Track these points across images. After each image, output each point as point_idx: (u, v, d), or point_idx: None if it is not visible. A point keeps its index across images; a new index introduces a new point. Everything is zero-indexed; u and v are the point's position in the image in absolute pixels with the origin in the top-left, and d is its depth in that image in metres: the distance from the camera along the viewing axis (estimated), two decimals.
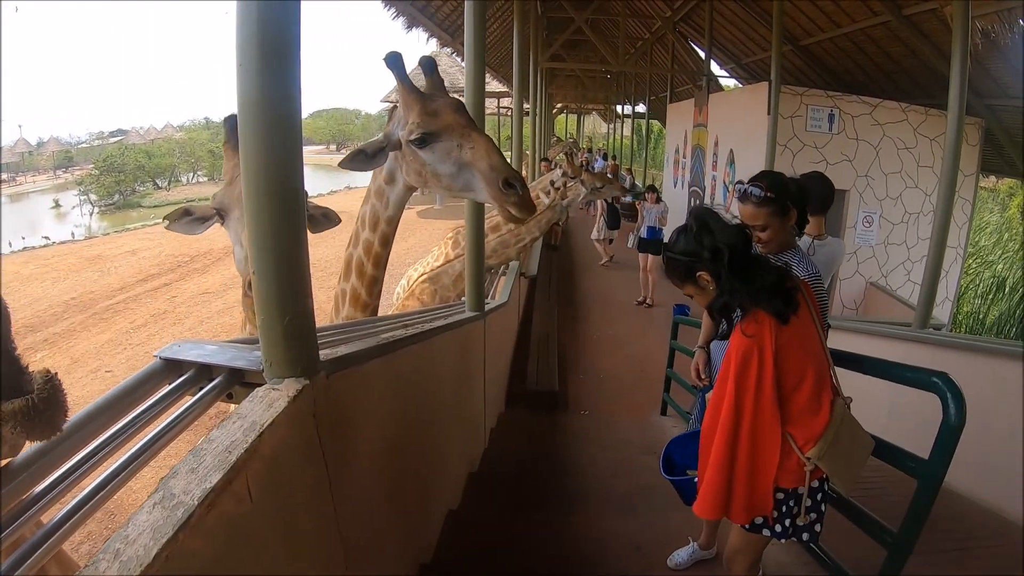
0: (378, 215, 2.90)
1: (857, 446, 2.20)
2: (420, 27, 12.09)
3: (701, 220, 2.13)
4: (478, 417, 4.63)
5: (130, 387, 1.30)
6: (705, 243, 2.07)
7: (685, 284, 2.19)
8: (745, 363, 2.00)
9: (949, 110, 4.83)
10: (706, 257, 2.07)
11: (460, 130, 2.54)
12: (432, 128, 2.52)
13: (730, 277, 2.05)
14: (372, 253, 2.96)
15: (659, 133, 32.58)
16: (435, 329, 2.94)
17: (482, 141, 2.55)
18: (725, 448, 2.04)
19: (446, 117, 2.55)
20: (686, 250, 2.13)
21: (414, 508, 2.79)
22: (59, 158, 59.78)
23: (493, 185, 2.50)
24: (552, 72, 20.82)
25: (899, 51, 8.86)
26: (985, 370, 4.06)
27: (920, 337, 4.79)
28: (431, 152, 2.55)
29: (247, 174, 1.36)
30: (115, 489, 1.09)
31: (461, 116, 2.59)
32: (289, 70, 1.35)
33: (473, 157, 2.51)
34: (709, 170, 11.89)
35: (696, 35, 14.99)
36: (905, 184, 9.03)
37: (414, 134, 2.52)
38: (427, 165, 2.59)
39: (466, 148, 2.52)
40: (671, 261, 2.20)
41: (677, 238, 2.19)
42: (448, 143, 2.54)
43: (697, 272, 2.11)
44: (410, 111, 2.55)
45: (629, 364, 8.52)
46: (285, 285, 1.42)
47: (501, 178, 2.48)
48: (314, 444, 1.48)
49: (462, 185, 2.60)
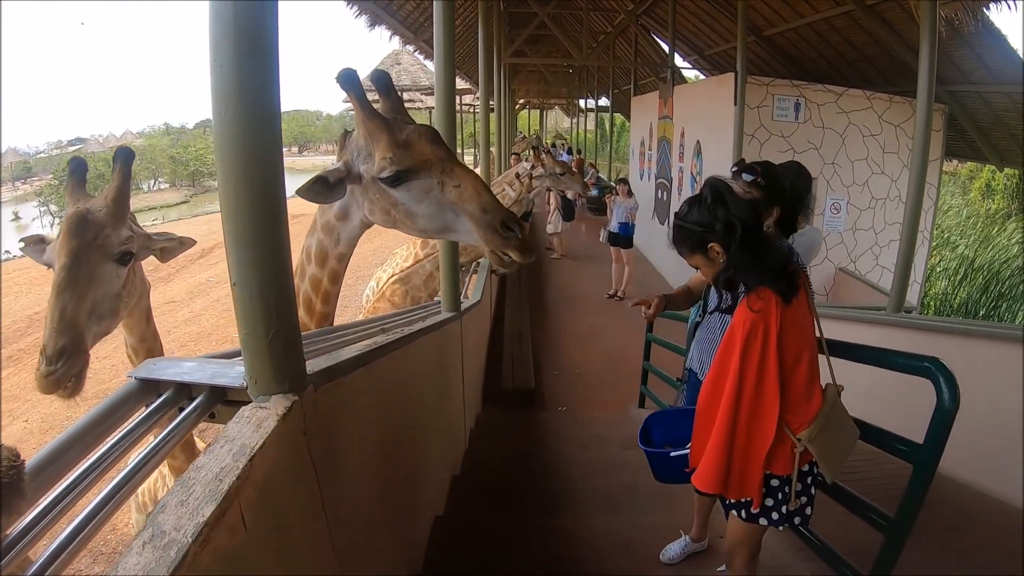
0: (326, 251, 2.52)
1: (845, 433, 2.22)
2: (383, 25, 11.98)
3: (716, 192, 2.08)
4: (458, 419, 4.58)
5: (105, 412, 1.22)
6: (719, 215, 2.04)
7: (693, 254, 2.17)
8: (751, 336, 1.99)
9: (918, 99, 4.85)
10: (719, 229, 2.04)
11: (440, 165, 2.19)
12: (407, 164, 2.15)
13: (741, 252, 2.03)
14: (320, 290, 2.59)
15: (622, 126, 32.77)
16: (416, 332, 2.86)
17: (469, 178, 2.21)
18: (727, 419, 2.04)
19: (422, 150, 2.19)
20: (699, 221, 2.09)
21: (403, 517, 2.73)
22: (17, 169, 58.42)
23: (488, 229, 2.15)
24: (515, 68, 20.79)
25: (862, 40, 8.95)
26: (962, 351, 4.09)
27: (896, 321, 4.81)
28: (406, 191, 2.18)
29: (225, 178, 1.27)
30: (97, 527, 1.01)
31: (439, 148, 2.23)
32: (268, 64, 1.27)
33: (459, 197, 2.16)
34: (676, 162, 11.92)
35: (659, 28, 15.04)
36: (871, 170, 9.12)
37: (386, 171, 2.14)
38: (399, 205, 2.22)
39: (449, 187, 2.17)
40: (682, 230, 2.16)
41: (690, 208, 2.15)
42: (427, 181, 2.18)
43: (709, 243, 2.09)
44: (376, 143, 2.17)
45: (604, 358, 8.53)
46: (269, 295, 1.32)
47: (498, 221, 2.14)
48: (306, 462, 1.41)
49: (441, 227, 2.25)
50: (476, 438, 5.29)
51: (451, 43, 3.93)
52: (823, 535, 2.65)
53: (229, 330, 11.85)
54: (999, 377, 3.82)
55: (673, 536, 3.25)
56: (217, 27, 1.20)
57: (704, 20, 12.48)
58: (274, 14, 1.27)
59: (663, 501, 3.93)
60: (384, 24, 12.06)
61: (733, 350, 2.03)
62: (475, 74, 15.23)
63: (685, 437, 2.36)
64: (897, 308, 5.06)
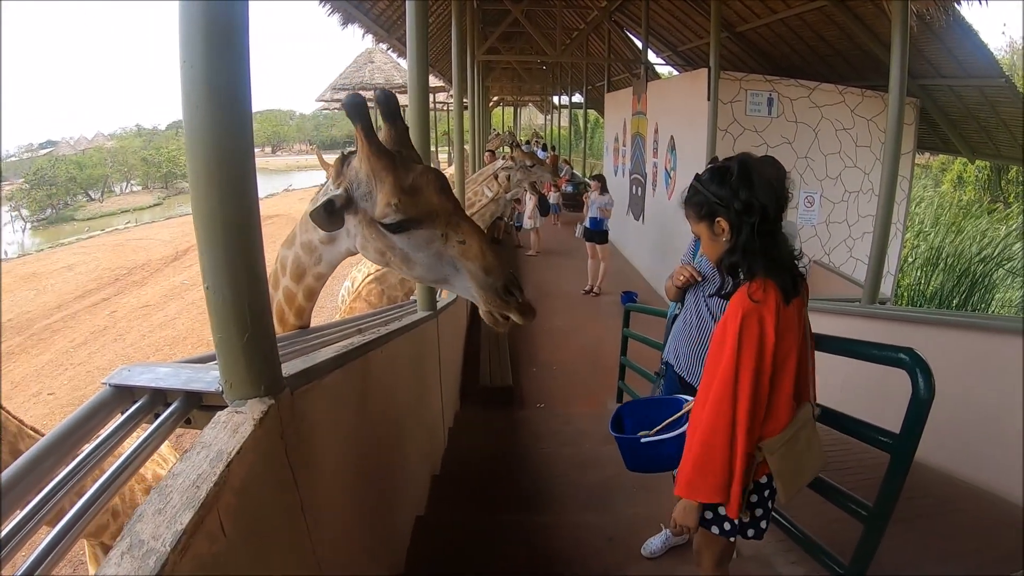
0: (304, 268, 2.38)
1: (810, 456, 2.13)
2: (356, 23, 11.89)
3: (744, 169, 2.00)
4: (437, 418, 4.57)
5: (79, 420, 1.19)
6: (741, 194, 1.97)
7: (700, 222, 2.11)
8: (746, 327, 1.91)
9: (890, 93, 4.90)
10: (736, 208, 1.97)
11: (447, 218, 2.05)
12: (412, 214, 2.01)
13: (753, 237, 1.96)
14: (295, 305, 2.45)
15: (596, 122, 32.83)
16: (392, 333, 2.84)
17: (475, 236, 2.07)
18: (727, 418, 1.92)
19: (430, 199, 2.04)
20: (718, 193, 2.02)
21: (384, 518, 2.72)
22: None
23: (489, 291, 2.04)
24: (488, 65, 20.74)
25: (834, 35, 9.03)
26: (936, 341, 4.15)
27: (870, 312, 4.87)
28: (407, 238, 2.05)
29: (196, 180, 1.25)
30: (74, 539, 1.00)
31: (447, 199, 2.09)
32: (239, 63, 1.25)
33: (463, 255, 2.03)
34: (650, 157, 11.94)
35: (632, 24, 15.07)
36: (844, 164, 9.18)
37: (390, 219, 1.99)
38: (396, 249, 2.08)
39: (453, 242, 2.03)
40: (697, 194, 2.09)
41: (712, 176, 2.07)
42: (430, 232, 2.04)
43: (717, 217, 2.03)
44: (380, 183, 2.01)
45: (581, 355, 8.54)
46: (243, 298, 1.31)
47: (500, 284, 2.03)
48: (284, 467, 1.39)
49: (437, 278, 2.14)
50: (455, 437, 5.28)
51: (424, 41, 3.91)
52: (803, 525, 2.68)
53: (205, 333, 11.75)
54: (972, 366, 3.88)
55: (655, 530, 3.26)
56: (187, 25, 1.18)
57: (677, 16, 12.52)
58: (245, 12, 1.25)
59: (644, 495, 3.96)
60: (357, 22, 11.98)
61: (726, 344, 1.94)
62: (449, 72, 15.16)
63: (656, 425, 2.36)
64: (871, 300, 5.11)
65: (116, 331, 12.72)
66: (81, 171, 45.09)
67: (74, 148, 55.85)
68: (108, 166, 48.88)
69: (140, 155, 50.55)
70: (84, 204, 44.08)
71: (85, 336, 12.38)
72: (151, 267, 18.39)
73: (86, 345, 11.88)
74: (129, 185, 50.79)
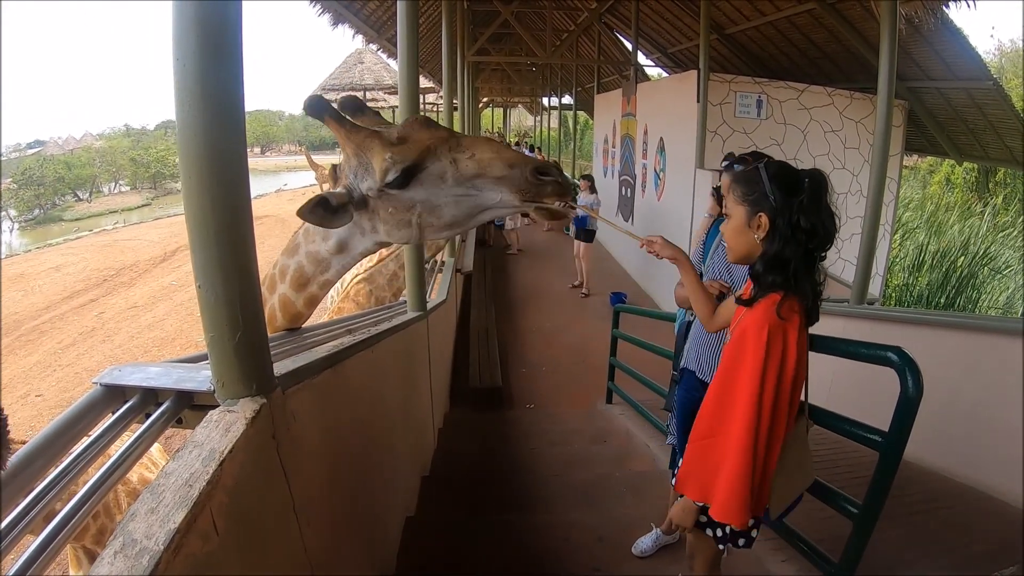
0: (308, 278, 2.23)
1: (800, 471, 2.11)
2: (346, 24, 11.92)
3: (817, 191, 1.86)
4: (426, 418, 4.57)
5: (70, 420, 1.19)
6: (809, 215, 1.83)
7: (740, 204, 1.94)
8: (772, 338, 1.81)
9: (879, 95, 4.94)
10: (795, 223, 1.83)
11: (445, 144, 1.93)
12: (411, 158, 1.89)
13: (801, 259, 1.85)
14: (291, 312, 2.30)
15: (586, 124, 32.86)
16: (382, 333, 2.84)
17: (481, 142, 1.96)
18: (749, 439, 1.82)
19: (420, 138, 1.93)
20: (780, 200, 1.85)
21: (374, 518, 2.71)
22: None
23: (522, 183, 1.89)
24: (478, 66, 20.75)
25: (823, 37, 9.09)
26: (924, 340, 4.19)
27: (858, 312, 4.90)
28: (419, 188, 1.92)
29: (188, 179, 1.24)
30: (66, 538, 0.99)
31: (438, 130, 1.98)
32: (232, 63, 1.25)
33: (480, 165, 1.90)
34: (639, 158, 11.98)
35: (622, 26, 15.12)
36: (832, 165, 9.22)
37: (391, 173, 1.88)
38: (417, 206, 1.95)
39: (463, 161, 1.91)
40: (758, 183, 1.89)
41: (781, 177, 1.88)
42: (437, 166, 1.91)
43: (761, 212, 1.88)
44: (369, 152, 1.92)
45: (569, 354, 8.58)
46: (235, 297, 1.30)
47: (529, 171, 1.88)
48: (276, 466, 1.39)
49: (470, 209, 1.97)
50: (445, 437, 5.28)
51: (414, 42, 3.91)
52: (793, 523, 2.69)
53: (194, 334, 11.73)
54: (960, 364, 3.91)
55: (645, 529, 3.27)
56: (181, 25, 1.18)
57: (667, 18, 12.56)
58: (238, 12, 1.25)
59: (636, 494, 3.97)
60: (347, 23, 12.00)
61: (746, 358, 1.84)
62: (439, 73, 15.18)
63: None
64: (860, 300, 5.14)
65: (104, 332, 12.66)
66: (69, 171, 44.86)
67: (62, 148, 55.52)
68: (96, 166, 48.67)
69: (129, 155, 50.32)
70: (72, 204, 43.86)
71: (73, 337, 12.32)
72: (139, 268, 18.32)
73: (74, 346, 11.82)
74: (118, 185, 50.56)
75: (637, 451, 4.92)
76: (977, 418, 3.81)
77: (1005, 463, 3.54)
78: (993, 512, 3.46)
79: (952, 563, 2.95)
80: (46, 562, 0.96)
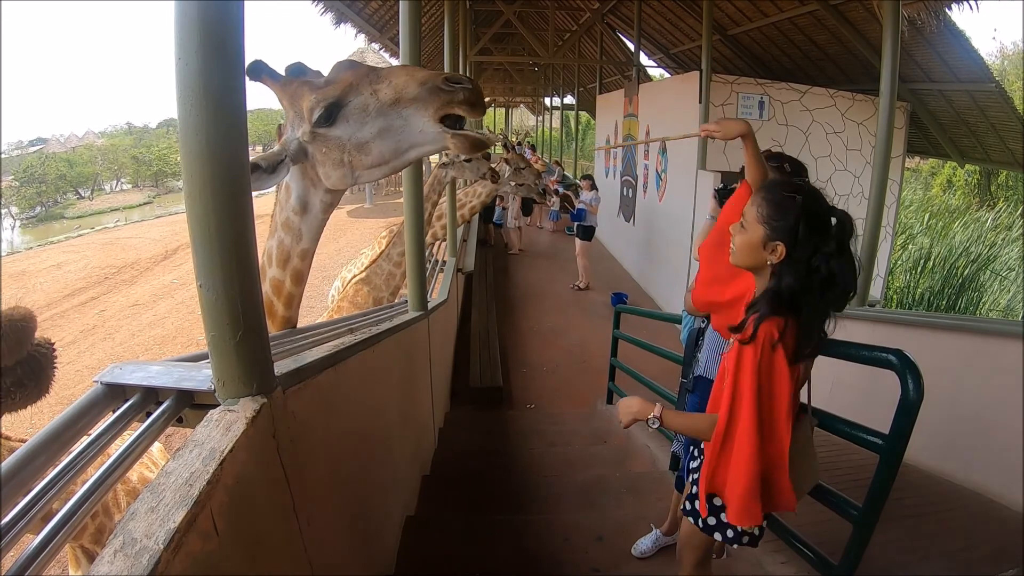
0: (288, 250, 2.35)
1: (802, 473, 2.06)
2: (348, 23, 11.91)
3: (845, 235, 1.81)
4: (427, 418, 4.57)
5: (71, 418, 1.19)
6: (832, 263, 1.78)
7: (759, 224, 1.86)
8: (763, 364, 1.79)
9: (881, 97, 4.95)
10: (814, 267, 1.79)
11: (365, 79, 2.02)
12: (334, 94, 2.00)
13: (816, 299, 1.81)
14: (283, 293, 2.41)
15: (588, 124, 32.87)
16: (383, 332, 2.83)
17: (397, 69, 2.04)
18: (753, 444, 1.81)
19: (343, 77, 2.03)
20: (804, 237, 1.79)
21: (375, 518, 2.71)
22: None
23: (434, 95, 1.94)
24: (480, 66, 20.76)
25: (826, 39, 9.10)
26: (925, 342, 4.21)
27: (859, 314, 4.89)
28: (345, 123, 2.02)
29: (190, 177, 1.24)
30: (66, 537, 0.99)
31: (359, 67, 2.07)
32: (234, 61, 1.25)
33: (395, 90, 1.97)
34: (641, 159, 11.98)
35: (624, 26, 15.13)
36: (835, 167, 9.23)
37: (316, 111, 2.00)
38: (347, 143, 2.04)
39: (383, 90, 1.98)
40: (789, 211, 1.81)
41: (811, 211, 1.81)
42: (359, 100, 2.01)
43: (778, 242, 1.81)
44: (301, 99, 2.05)
45: (570, 355, 8.58)
46: (236, 296, 1.30)
47: (440, 80, 1.95)
48: (276, 466, 1.39)
49: (397, 144, 2.04)
50: (445, 437, 5.28)
51: (417, 41, 3.90)
52: (792, 525, 2.69)
53: (195, 333, 11.70)
54: (961, 367, 3.91)
55: (645, 530, 3.27)
56: (183, 24, 1.18)
57: (669, 19, 12.57)
58: (240, 11, 1.25)
59: (633, 495, 3.97)
60: (350, 22, 11.99)
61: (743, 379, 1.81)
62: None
63: None
64: (861, 302, 5.14)
65: (105, 330, 12.64)
66: (71, 169, 44.80)
67: (64, 146, 55.46)
68: (98, 164, 48.57)
69: (130, 153, 50.24)
70: (74, 202, 43.82)
71: (74, 335, 12.30)
72: (141, 266, 18.29)
73: (75, 344, 11.80)
74: (119, 183, 50.48)
75: (637, 452, 4.92)
76: (978, 421, 3.81)
77: (1006, 467, 3.54)
78: (993, 516, 3.46)
79: (952, 566, 2.95)
80: (45, 561, 0.96)
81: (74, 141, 57.83)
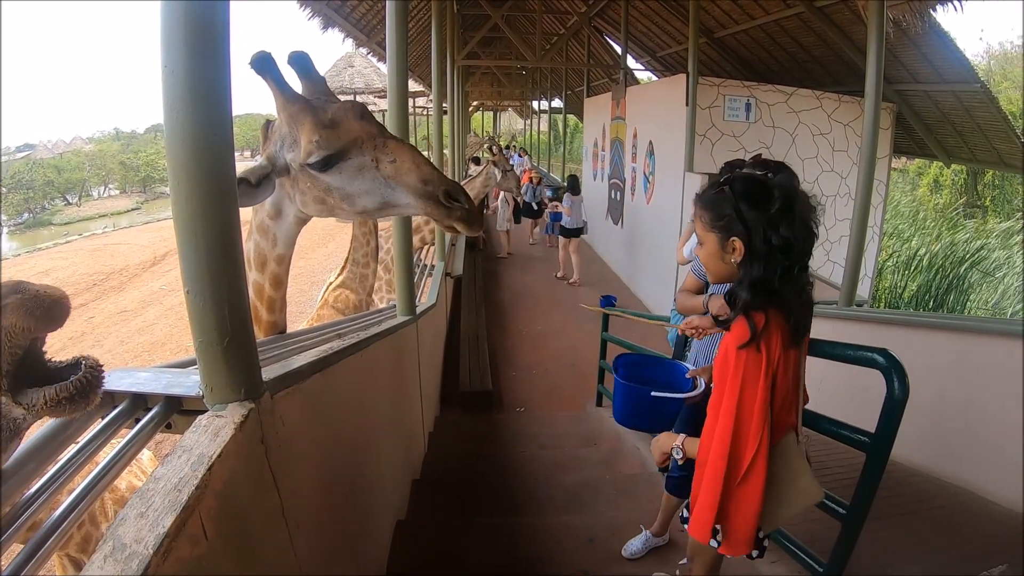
0: (265, 255, 2.32)
1: (793, 487, 1.94)
2: (336, 27, 11.94)
3: (789, 201, 1.71)
4: (417, 422, 4.56)
5: (59, 425, 1.18)
6: (781, 230, 1.70)
7: (709, 231, 1.82)
8: (749, 359, 1.73)
9: (866, 98, 4.98)
10: (773, 243, 1.71)
11: (372, 142, 2.00)
12: (336, 146, 1.97)
13: (782, 278, 1.73)
14: (264, 298, 2.39)
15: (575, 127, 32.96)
16: (371, 337, 2.83)
17: (405, 151, 2.02)
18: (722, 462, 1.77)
19: (350, 127, 2.00)
20: (748, 215, 1.73)
21: (364, 522, 2.71)
22: None
23: (430, 201, 1.98)
24: (468, 70, 20.77)
25: (811, 41, 9.16)
26: (911, 341, 4.23)
27: (846, 314, 4.92)
28: (338, 174, 2.00)
29: (177, 183, 1.24)
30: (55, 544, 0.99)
31: (368, 123, 2.04)
32: (220, 66, 1.24)
33: (397, 172, 1.98)
34: (629, 162, 12.00)
35: (611, 29, 15.21)
36: (821, 168, 9.27)
37: (314, 156, 1.96)
38: (333, 190, 2.04)
39: (384, 163, 1.98)
40: (722, 205, 1.78)
41: (747, 191, 1.75)
42: (359, 159, 2.00)
43: (734, 236, 1.76)
44: (300, 126, 2.00)
45: (559, 357, 8.60)
46: (223, 302, 1.30)
47: (441, 191, 1.98)
48: (265, 471, 1.39)
49: (381, 203, 2.05)
50: (435, 441, 5.27)
51: (404, 45, 3.91)
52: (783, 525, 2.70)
53: (183, 339, 11.66)
54: (946, 366, 3.94)
55: (635, 532, 3.28)
56: (168, 28, 1.18)
57: (656, 22, 12.63)
58: (226, 14, 1.25)
59: (626, 496, 3.98)
60: (337, 26, 12.01)
61: (726, 378, 1.78)
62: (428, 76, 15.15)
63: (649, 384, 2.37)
64: (848, 302, 5.18)
65: (94, 337, 12.58)
66: (59, 175, 44.60)
67: (51, 151, 55.24)
68: (86, 170, 48.34)
69: (118, 159, 50.09)
70: (62, 208, 43.61)
71: (63, 342, 12.21)
72: (129, 272, 18.23)
73: (64, 351, 11.51)
74: (107, 189, 50.28)
75: (627, 454, 4.93)
76: (965, 418, 3.84)
77: (993, 462, 3.57)
78: (981, 512, 3.48)
79: (940, 563, 2.97)
80: (33, 570, 0.95)
81: (62, 147, 57.63)
